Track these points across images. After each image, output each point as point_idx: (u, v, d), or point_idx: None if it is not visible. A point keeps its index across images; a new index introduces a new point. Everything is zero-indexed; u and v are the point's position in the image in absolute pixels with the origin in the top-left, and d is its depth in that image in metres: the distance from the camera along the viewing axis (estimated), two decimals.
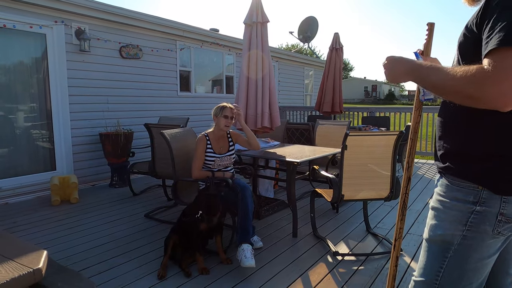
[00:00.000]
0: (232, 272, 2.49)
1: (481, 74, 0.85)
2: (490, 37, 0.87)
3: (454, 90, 0.93)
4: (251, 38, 3.96)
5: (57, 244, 2.97)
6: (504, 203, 0.99)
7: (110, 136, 4.74)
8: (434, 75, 0.99)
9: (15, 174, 4.43)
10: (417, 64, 1.08)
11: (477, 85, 0.85)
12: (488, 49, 0.87)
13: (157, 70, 6.01)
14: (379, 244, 2.98)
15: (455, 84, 0.91)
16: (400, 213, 1.37)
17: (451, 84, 0.92)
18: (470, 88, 0.87)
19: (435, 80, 0.98)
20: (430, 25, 1.35)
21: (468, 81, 0.88)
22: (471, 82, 0.87)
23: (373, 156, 2.77)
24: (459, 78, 0.90)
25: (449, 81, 0.93)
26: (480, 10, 0.95)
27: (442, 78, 0.95)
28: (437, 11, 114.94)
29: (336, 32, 6.84)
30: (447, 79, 0.94)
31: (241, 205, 2.61)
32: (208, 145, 2.93)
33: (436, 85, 0.99)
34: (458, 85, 0.90)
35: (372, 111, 7.63)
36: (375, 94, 53.33)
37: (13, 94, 4.44)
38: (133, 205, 4.07)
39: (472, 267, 1.06)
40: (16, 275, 1.20)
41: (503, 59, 0.83)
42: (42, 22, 4.49)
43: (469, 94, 0.88)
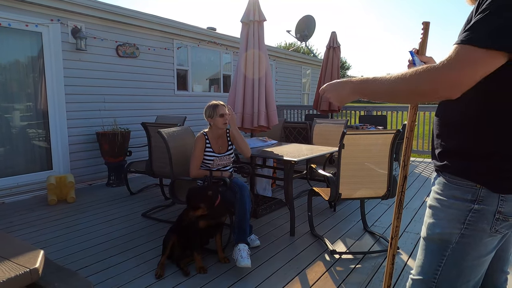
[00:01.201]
0: (230, 271, 2.49)
1: (431, 68, 0.91)
2: (464, 31, 0.91)
3: (405, 92, 0.97)
4: (248, 36, 3.96)
5: (54, 243, 2.96)
6: (502, 201, 1.00)
7: (107, 135, 4.72)
8: (379, 84, 1.03)
9: (12, 174, 4.41)
10: (359, 80, 1.12)
11: (429, 78, 0.91)
12: (455, 42, 0.92)
13: (154, 69, 6.00)
14: (376, 242, 3.00)
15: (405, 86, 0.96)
16: (396, 211, 1.38)
17: (402, 87, 0.97)
18: (421, 84, 0.92)
19: (383, 89, 1.03)
20: (425, 24, 1.36)
21: (419, 78, 0.92)
22: (422, 78, 0.92)
23: (370, 155, 2.77)
24: (409, 78, 0.94)
25: (398, 85, 0.97)
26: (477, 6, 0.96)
27: (390, 85, 0.99)
28: (437, 11, 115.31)
29: (333, 31, 6.84)
30: (396, 83, 0.98)
31: (238, 204, 2.61)
32: (207, 144, 2.92)
33: (385, 93, 1.03)
34: (408, 85, 0.95)
35: (369, 110, 7.65)
36: None
37: (9, 93, 4.41)
38: (130, 205, 4.06)
39: (470, 265, 1.06)
40: (13, 275, 1.20)
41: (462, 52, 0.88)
42: (38, 20, 4.46)
43: (421, 90, 0.93)
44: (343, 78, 1.32)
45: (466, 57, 0.87)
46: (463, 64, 0.87)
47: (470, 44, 0.87)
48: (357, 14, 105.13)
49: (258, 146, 3.81)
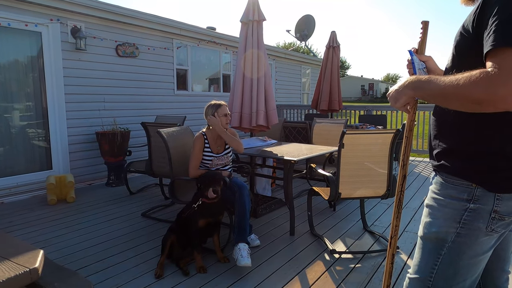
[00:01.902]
0: (230, 270, 2.49)
1: (486, 76, 0.83)
2: (488, 35, 0.87)
3: (459, 98, 0.90)
4: (247, 36, 3.95)
5: (53, 243, 2.96)
6: (497, 201, 1.00)
7: (106, 135, 4.72)
8: (434, 86, 0.96)
9: (11, 173, 4.41)
10: (413, 78, 1.06)
11: (484, 88, 0.83)
12: (486, 48, 0.87)
13: (154, 68, 5.99)
14: (376, 242, 3.00)
15: (459, 92, 0.89)
16: (395, 210, 1.38)
17: (456, 92, 0.90)
18: (477, 92, 0.85)
19: (437, 91, 0.96)
20: (425, 24, 1.36)
21: (474, 86, 0.85)
22: (478, 85, 0.85)
23: (370, 154, 2.77)
24: (463, 84, 0.87)
25: (452, 89, 0.90)
26: (477, 9, 0.95)
27: (444, 87, 0.93)
28: (435, 12, 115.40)
29: (333, 31, 6.84)
30: (450, 87, 0.91)
31: (238, 204, 2.61)
32: (206, 144, 2.92)
33: (438, 95, 0.96)
34: (463, 92, 0.88)
35: (369, 109, 7.65)
36: (372, 93, 53.44)
37: (9, 93, 4.41)
38: (130, 204, 4.06)
39: (466, 264, 1.07)
40: (12, 275, 1.20)
41: (505, 59, 0.83)
42: (38, 20, 4.46)
43: (477, 99, 0.86)
44: (342, 77, 1.31)
45: None
46: None
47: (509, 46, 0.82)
48: (356, 14, 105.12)
49: (257, 146, 3.81)
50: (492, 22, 0.87)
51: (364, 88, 54.05)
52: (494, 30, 0.85)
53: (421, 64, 1.32)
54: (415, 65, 1.31)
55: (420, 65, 1.32)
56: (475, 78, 0.85)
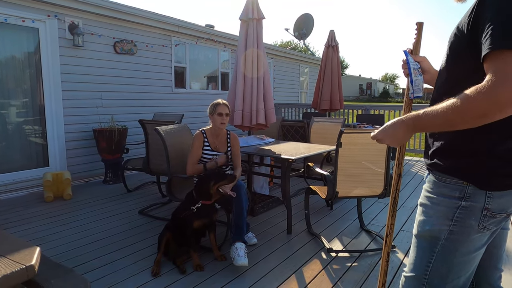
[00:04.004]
0: (227, 268, 2.49)
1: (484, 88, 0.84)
2: (485, 38, 0.87)
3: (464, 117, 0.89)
4: (247, 34, 3.95)
5: (50, 240, 2.96)
6: (489, 198, 1.02)
7: (104, 132, 4.71)
8: (433, 118, 0.97)
9: (8, 170, 4.38)
10: (412, 119, 1.06)
11: (485, 99, 0.83)
12: (484, 52, 0.87)
13: (152, 66, 5.97)
14: (373, 240, 3.01)
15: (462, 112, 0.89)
16: (391, 209, 1.39)
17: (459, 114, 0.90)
18: (479, 107, 0.85)
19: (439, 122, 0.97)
20: (419, 25, 1.37)
21: (474, 102, 0.86)
22: (477, 100, 0.85)
23: (367, 154, 2.78)
24: (462, 104, 0.88)
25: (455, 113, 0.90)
26: (472, 10, 0.95)
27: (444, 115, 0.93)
28: (435, 10, 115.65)
29: (331, 30, 6.84)
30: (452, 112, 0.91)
31: (235, 203, 2.61)
32: (205, 142, 2.92)
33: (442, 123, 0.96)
34: (465, 111, 0.88)
35: (367, 108, 7.66)
36: (370, 92, 53.55)
37: (5, 89, 4.38)
38: (127, 202, 4.06)
39: (460, 261, 1.08)
40: (9, 272, 1.19)
41: (501, 63, 0.83)
42: (35, 16, 4.43)
43: (482, 113, 0.85)
44: (342, 76, 1.32)
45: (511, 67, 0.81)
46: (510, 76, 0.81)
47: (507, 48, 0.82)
48: (355, 13, 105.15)
49: (255, 144, 3.81)
50: (488, 25, 0.87)
51: (362, 87, 54.14)
52: (491, 34, 0.86)
53: (415, 64, 1.34)
54: (410, 65, 1.33)
55: (415, 65, 1.33)
56: (473, 94, 0.86)
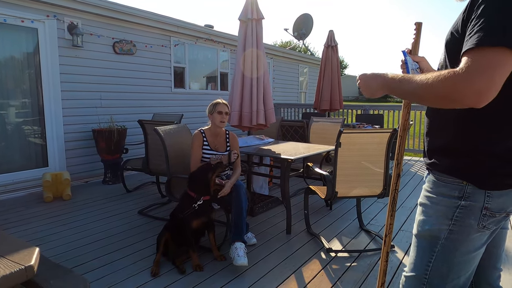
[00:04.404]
0: (226, 268, 2.49)
1: (454, 75, 0.87)
2: (469, 35, 0.89)
3: (430, 95, 0.95)
4: (246, 34, 3.95)
5: (49, 241, 2.95)
6: (488, 198, 1.02)
7: (103, 132, 4.70)
8: (407, 85, 1.01)
9: (7, 170, 4.38)
10: (388, 78, 1.11)
11: (451, 85, 0.87)
12: (465, 48, 0.89)
13: (151, 66, 5.97)
14: (372, 240, 3.01)
15: (430, 90, 0.93)
16: (390, 209, 1.39)
17: (426, 90, 0.94)
18: (444, 90, 0.89)
19: (409, 89, 1.01)
20: (418, 25, 1.37)
21: (441, 83, 0.90)
22: (445, 84, 0.89)
23: (367, 154, 2.78)
24: (431, 83, 0.92)
25: (423, 88, 0.95)
26: (465, 9, 0.97)
27: (415, 86, 0.98)
28: (435, 10, 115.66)
29: (331, 30, 6.84)
30: (421, 87, 0.96)
31: (235, 203, 2.61)
32: (205, 142, 2.92)
33: (411, 93, 1.01)
34: (433, 89, 0.92)
35: (366, 108, 7.67)
36: None
37: (4, 90, 4.38)
38: (126, 202, 4.05)
39: (460, 261, 1.08)
40: (8, 273, 1.19)
41: (478, 58, 0.85)
42: (34, 16, 4.42)
43: (445, 96, 0.90)
44: (341, 77, 1.33)
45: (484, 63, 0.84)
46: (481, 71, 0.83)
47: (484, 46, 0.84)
48: (354, 13, 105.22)
49: (255, 144, 3.81)
50: (473, 24, 0.89)
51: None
52: (475, 32, 0.88)
53: (414, 65, 1.34)
54: (408, 65, 1.33)
55: (413, 65, 1.34)
56: (443, 76, 0.89)
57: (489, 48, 0.84)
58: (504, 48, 0.82)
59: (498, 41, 0.83)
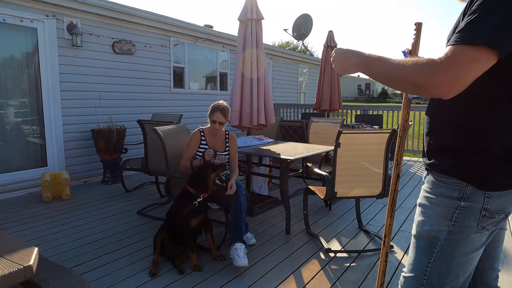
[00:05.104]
0: (225, 268, 2.49)
1: (431, 63, 0.89)
2: (457, 31, 0.91)
3: (403, 79, 0.96)
4: (246, 35, 3.95)
5: (48, 241, 2.95)
6: (487, 199, 1.02)
7: (102, 132, 4.70)
8: (383, 65, 1.02)
9: (6, 170, 4.37)
10: (366, 56, 1.10)
11: (425, 73, 0.89)
12: (451, 42, 0.90)
13: (151, 66, 5.97)
14: (371, 241, 3.01)
15: (404, 73, 0.95)
16: (389, 209, 1.39)
17: (400, 73, 0.96)
18: (418, 76, 0.91)
19: (384, 70, 1.01)
20: (418, 25, 1.37)
21: (417, 70, 0.91)
22: (420, 70, 0.90)
23: (366, 154, 2.79)
24: (409, 67, 0.93)
25: (398, 70, 0.96)
26: (465, 8, 0.97)
27: (391, 68, 0.98)
28: (435, 10, 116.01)
29: (330, 30, 6.85)
30: (396, 68, 0.97)
31: (234, 203, 2.61)
32: (203, 141, 2.92)
33: (385, 74, 1.02)
34: (407, 73, 0.94)
35: (366, 109, 7.67)
36: (369, 92, 53.61)
37: (3, 89, 4.37)
38: (125, 202, 4.05)
39: (459, 261, 1.08)
40: (6, 272, 1.19)
41: (457, 52, 0.87)
42: (33, 16, 4.42)
43: (417, 82, 0.91)
44: (341, 77, 1.33)
45: (460, 57, 0.86)
46: (457, 63, 0.86)
47: (464, 43, 0.87)
48: (353, 14, 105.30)
49: (254, 144, 3.81)
50: (465, 20, 0.91)
51: (361, 87, 54.21)
52: (462, 28, 0.90)
53: None
54: None
55: None
56: (421, 63, 0.91)
57: (467, 44, 0.86)
58: (484, 47, 0.85)
59: (480, 40, 0.85)
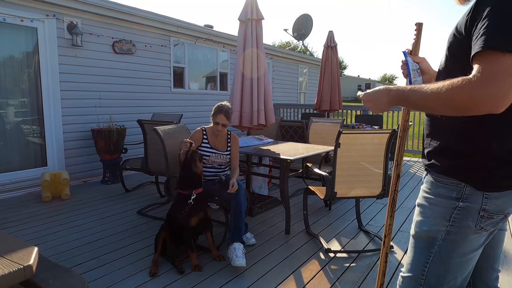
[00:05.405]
0: (225, 268, 2.49)
1: (468, 82, 0.86)
2: (477, 38, 0.88)
3: (445, 106, 0.92)
4: (246, 35, 3.95)
5: (48, 240, 2.95)
6: (486, 199, 1.02)
7: (102, 132, 4.70)
8: (418, 97, 0.99)
9: (5, 170, 4.37)
10: (398, 91, 1.07)
11: (466, 93, 0.86)
12: (474, 51, 0.88)
13: (151, 66, 5.97)
14: (371, 241, 3.01)
15: (444, 99, 0.91)
16: (389, 209, 1.39)
17: (440, 100, 0.92)
18: (459, 98, 0.88)
19: (422, 103, 0.99)
20: (418, 25, 1.37)
21: (456, 92, 0.88)
22: (459, 92, 0.87)
23: (366, 154, 2.79)
24: (446, 92, 0.90)
25: (437, 99, 0.93)
26: (469, 11, 0.96)
27: (428, 98, 0.95)
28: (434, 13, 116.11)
29: (330, 30, 6.85)
30: (434, 98, 0.94)
31: (234, 203, 2.61)
32: (205, 139, 2.92)
33: (424, 106, 0.99)
34: (447, 99, 0.90)
35: (366, 109, 7.66)
36: None
37: (3, 89, 4.37)
38: (125, 202, 4.05)
39: (457, 262, 1.08)
40: (6, 272, 1.19)
41: (488, 63, 0.84)
42: (33, 15, 4.42)
43: (460, 104, 0.88)
44: (341, 77, 1.32)
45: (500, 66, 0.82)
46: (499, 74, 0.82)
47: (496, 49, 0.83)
48: (353, 14, 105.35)
49: (254, 144, 3.81)
50: (481, 25, 0.88)
51: (361, 88, 54.27)
52: (483, 33, 0.87)
53: (415, 65, 1.34)
54: (409, 66, 1.33)
55: (414, 66, 1.34)
56: (457, 85, 0.88)
57: (500, 52, 0.83)
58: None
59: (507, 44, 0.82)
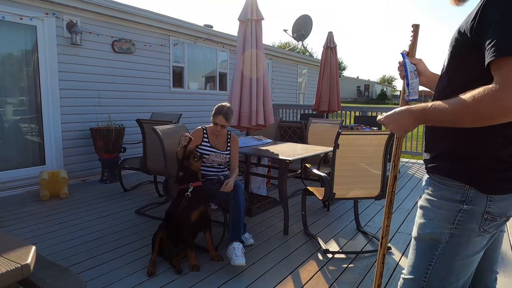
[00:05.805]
0: (223, 269, 2.49)
1: (491, 92, 0.85)
2: (490, 45, 0.87)
3: (470, 118, 0.91)
4: (245, 35, 3.95)
5: (46, 239, 2.94)
6: (490, 202, 1.02)
7: (101, 131, 4.69)
8: (441, 114, 0.97)
9: (4, 168, 4.36)
10: (418, 111, 1.05)
11: (491, 102, 0.85)
12: (489, 58, 0.87)
13: (150, 65, 5.96)
14: (369, 242, 3.02)
15: (467, 112, 0.90)
16: (386, 211, 1.39)
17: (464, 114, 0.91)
18: (484, 109, 0.86)
19: (446, 119, 0.97)
20: (415, 27, 1.38)
21: (479, 103, 0.87)
22: (483, 102, 0.86)
23: (365, 155, 2.79)
24: (469, 104, 0.89)
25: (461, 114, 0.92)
26: (476, 14, 0.95)
27: (452, 113, 0.94)
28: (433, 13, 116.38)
29: (330, 31, 6.86)
30: (458, 113, 0.92)
31: (232, 203, 2.61)
32: (205, 138, 2.92)
33: (448, 121, 0.98)
34: (471, 111, 0.89)
35: (365, 110, 7.68)
36: (368, 94, 53.73)
37: (2, 87, 4.36)
38: (124, 201, 4.04)
39: (460, 264, 1.08)
40: (4, 271, 1.19)
41: (508, 69, 0.83)
42: (33, 14, 4.41)
43: (486, 114, 0.87)
44: (340, 78, 1.32)
45: None
46: None
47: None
48: (353, 15, 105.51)
49: (253, 145, 3.81)
50: (493, 31, 0.87)
51: (360, 89, 54.34)
52: (496, 39, 0.86)
53: (412, 67, 1.35)
54: (407, 67, 1.34)
55: (411, 67, 1.34)
56: (479, 96, 0.87)
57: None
58: None
59: None
